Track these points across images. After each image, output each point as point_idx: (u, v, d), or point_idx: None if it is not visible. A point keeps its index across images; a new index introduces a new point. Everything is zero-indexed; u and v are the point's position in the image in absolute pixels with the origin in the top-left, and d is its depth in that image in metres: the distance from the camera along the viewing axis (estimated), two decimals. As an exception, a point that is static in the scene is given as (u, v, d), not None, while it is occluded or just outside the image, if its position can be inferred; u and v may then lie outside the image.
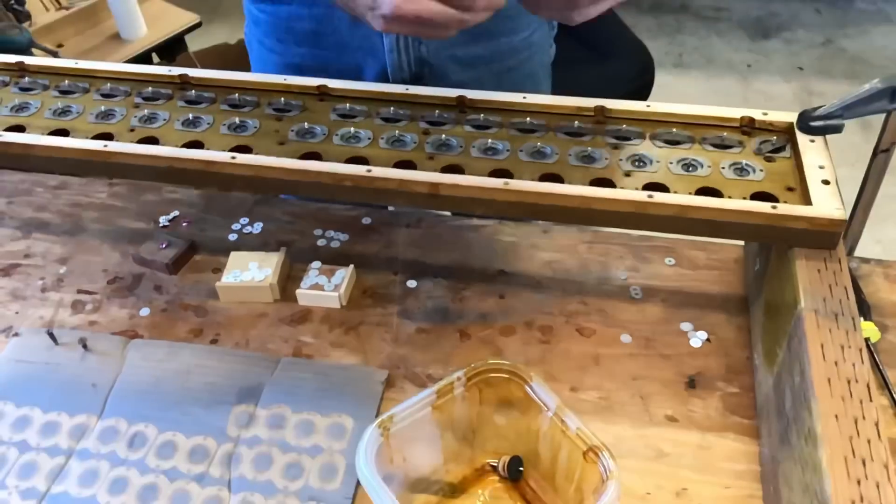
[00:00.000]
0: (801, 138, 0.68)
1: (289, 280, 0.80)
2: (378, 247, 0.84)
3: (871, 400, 0.51)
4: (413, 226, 0.87)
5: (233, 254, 0.80)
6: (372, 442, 0.55)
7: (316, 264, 0.80)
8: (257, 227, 0.87)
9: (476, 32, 0.84)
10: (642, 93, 1.63)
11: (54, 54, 1.79)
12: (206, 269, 0.82)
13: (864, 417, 0.50)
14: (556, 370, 0.71)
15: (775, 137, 0.70)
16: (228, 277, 0.78)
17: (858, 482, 0.47)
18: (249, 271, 0.78)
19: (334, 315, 0.77)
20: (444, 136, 0.73)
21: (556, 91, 0.77)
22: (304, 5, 0.88)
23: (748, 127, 0.72)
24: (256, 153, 0.71)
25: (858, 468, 0.47)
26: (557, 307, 0.76)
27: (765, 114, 0.72)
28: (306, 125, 0.75)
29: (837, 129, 0.67)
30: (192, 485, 0.62)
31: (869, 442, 0.49)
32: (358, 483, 0.62)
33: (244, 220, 0.88)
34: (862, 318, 0.68)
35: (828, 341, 0.55)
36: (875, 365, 0.68)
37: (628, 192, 0.64)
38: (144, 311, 0.78)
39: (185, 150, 0.71)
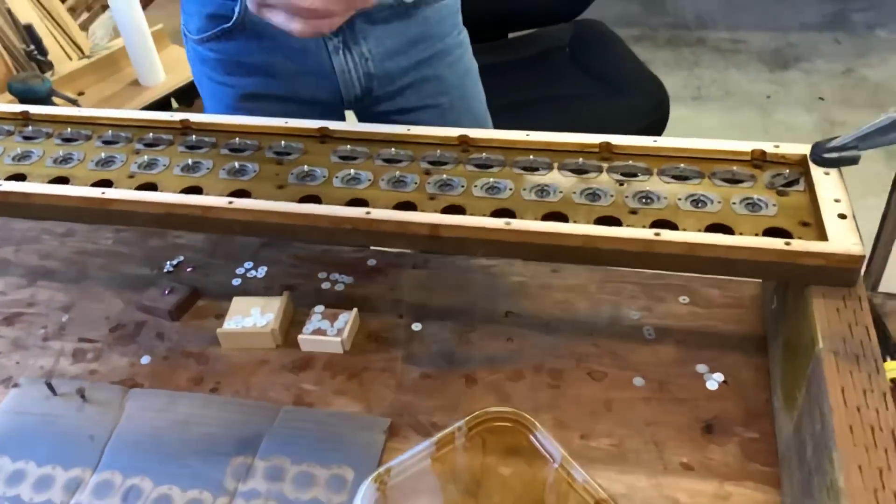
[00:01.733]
0: (816, 171, 0.66)
1: (292, 325, 0.78)
2: (383, 289, 0.82)
3: (897, 449, 0.48)
4: (419, 266, 0.85)
5: (235, 299, 0.79)
6: (367, 497, 0.52)
7: (319, 308, 0.78)
8: (261, 272, 0.86)
9: (413, 38, 0.91)
10: (657, 128, 1.61)
11: (74, 102, 1.82)
12: (208, 315, 0.81)
13: (889, 468, 0.47)
14: (566, 416, 0.68)
15: (788, 170, 0.68)
16: (230, 323, 0.76)
17: (885, 539, 0.44)
18: (251, 317, 0.77)
19: (337, 361, 0.75)
20: (445, 175, 0.71)
21: (566, 127, 0.75)
22: (253, 38, 0.90)
23: (760, 160, 0.69)
24: (255, 197, 0.70)
25: (885, 524, 0.44)
26: (567, 349, 0.74)
27: (776, 146, 0.69)
28: (306, 168, 0.74)
29: (853, 161, 0.64)
30: (187, 541, 0.60)
31: (895, 495, 0.45)
32: (358, 539, 0.59)
33: (248, 265, 0.87)
34: (889, 358, 0.64)
35: (849, 385, 0.52)
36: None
37: (634, 231, 0.62)
38: (145, 359, 0.76)
39: (182, 195, 0.70)
